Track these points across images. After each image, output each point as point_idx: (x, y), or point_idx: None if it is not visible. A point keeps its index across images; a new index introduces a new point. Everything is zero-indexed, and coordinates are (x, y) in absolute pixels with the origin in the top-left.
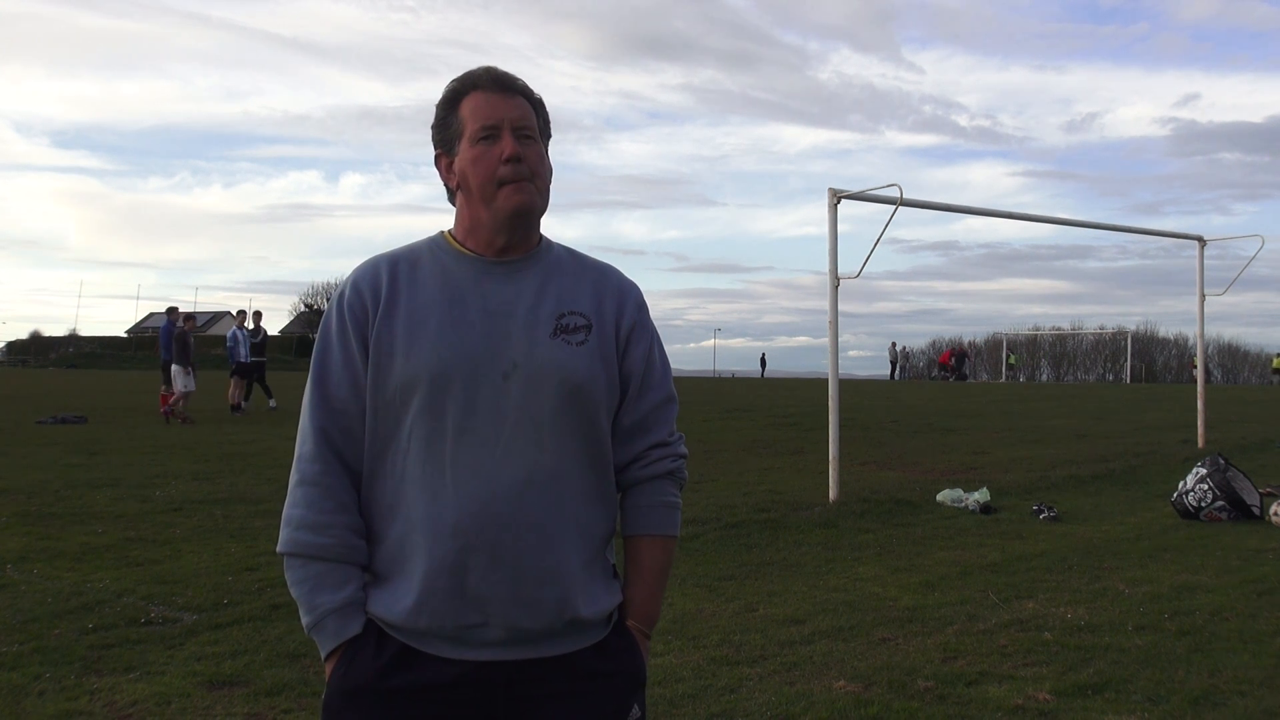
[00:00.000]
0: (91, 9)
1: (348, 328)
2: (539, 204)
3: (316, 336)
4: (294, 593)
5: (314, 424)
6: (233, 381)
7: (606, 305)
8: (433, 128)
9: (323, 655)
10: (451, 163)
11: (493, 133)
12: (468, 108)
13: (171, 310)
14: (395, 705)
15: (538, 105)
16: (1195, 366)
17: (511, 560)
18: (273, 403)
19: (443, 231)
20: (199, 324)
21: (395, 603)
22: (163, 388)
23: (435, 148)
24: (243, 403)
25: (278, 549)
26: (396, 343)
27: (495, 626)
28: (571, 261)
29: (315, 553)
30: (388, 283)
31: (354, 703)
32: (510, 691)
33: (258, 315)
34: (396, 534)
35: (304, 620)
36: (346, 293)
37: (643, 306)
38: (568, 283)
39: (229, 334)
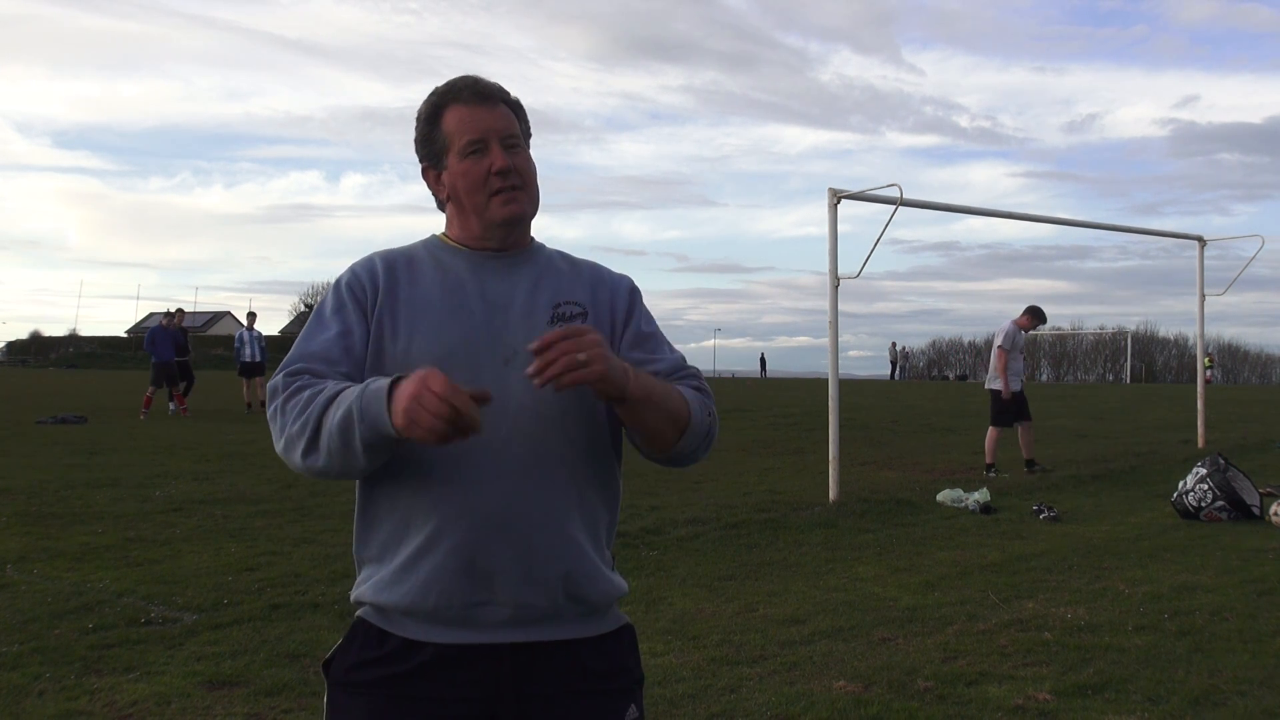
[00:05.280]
0: (94, 10)
1: (347, 304)
2: (530, 211)
3: (307, 324)
4: (333, 423)
5: (290, 366)
6: (242, 382)
7: (601, 295)
8: (416, 142)
9: (384, 415)
10: (440, 175)
11: (480, 146)
12: (451, 121)
13: (175, 314)
14: (397, 693)
15: (517, 108)
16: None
17: (518, 539)
18: (172, 406)
19: (435, 234)
20: (198, 324)
21: (403, 585)
22: (151, 389)
23: (421, 161)
24: (251, 403)
25: (299, 459)
26: (399, 330)
27: (502, 605)
28: (564, 261)
29: (328, 392)
30: (385, 274)
31: (357, 693)
32: (517, 690)
33: (180, 313)
34: (402, 519)
35: (353, 412)
36: (346, 278)
37: (635, 292)
38: (562, 278)
39: (236, 335)
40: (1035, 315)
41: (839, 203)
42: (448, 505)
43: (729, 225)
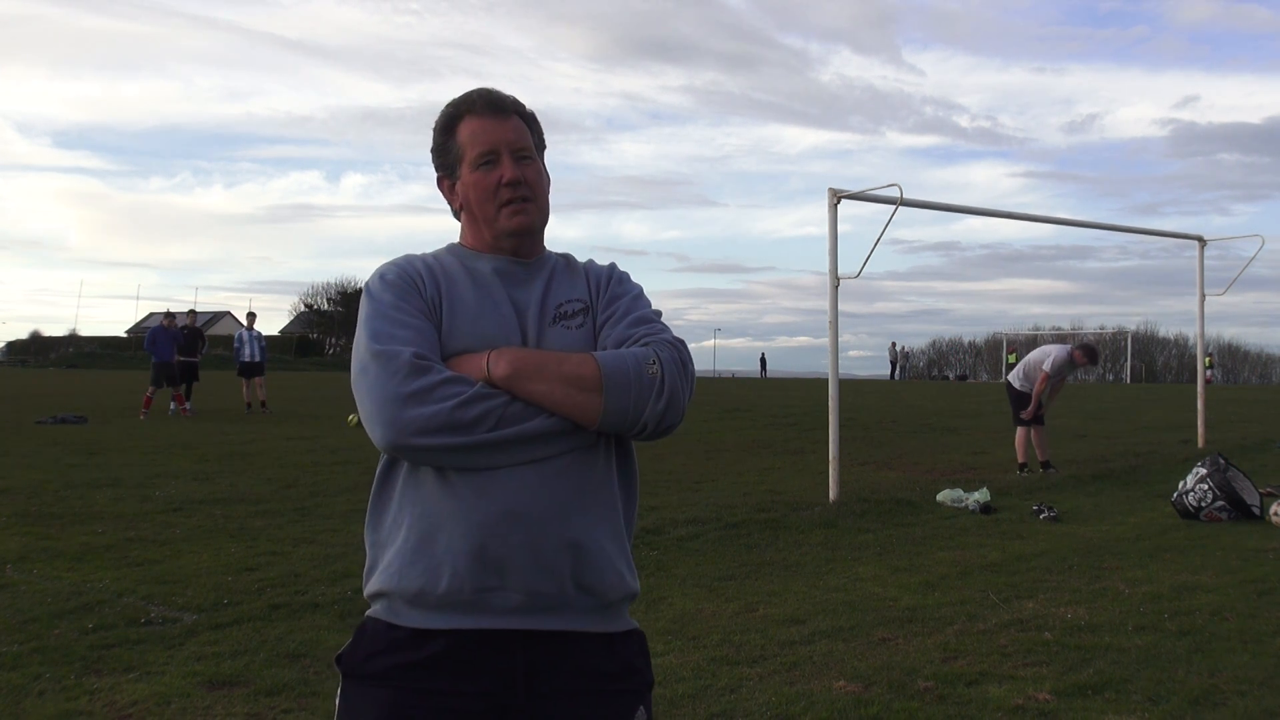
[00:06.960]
0: (94, 10)
1: (408, 294)
2: (539, 222)
3: (361, 325)
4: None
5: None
6: (242, 382)
7: (594, 286)
8: (432, 152)
9: None
10: (454, 185)
11: (491, 158)
12: (465, 133)
13: (188, 314)
14: (410, 685)
15: (531, 121)
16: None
17: (530, 528)
18: (172, 407)
19: (454, 243)
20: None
21: (414, 568)
22: (151, 389)
23: (437, 171)
24: (251, 403)
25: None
26: (442, 322)
27: (513, 591)
28: (568, 265)
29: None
30: (419, 272)
31: (370, 684)
32: (528, 686)
33: (192, 314)
34: (419, 508)
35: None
36: (388, 274)
37: (613, 268)
38: (565, 279)
39: (236, 335)
40: (1089, 354)
41: (839, 203)
42: (462, 494)
43: (729, 225)
